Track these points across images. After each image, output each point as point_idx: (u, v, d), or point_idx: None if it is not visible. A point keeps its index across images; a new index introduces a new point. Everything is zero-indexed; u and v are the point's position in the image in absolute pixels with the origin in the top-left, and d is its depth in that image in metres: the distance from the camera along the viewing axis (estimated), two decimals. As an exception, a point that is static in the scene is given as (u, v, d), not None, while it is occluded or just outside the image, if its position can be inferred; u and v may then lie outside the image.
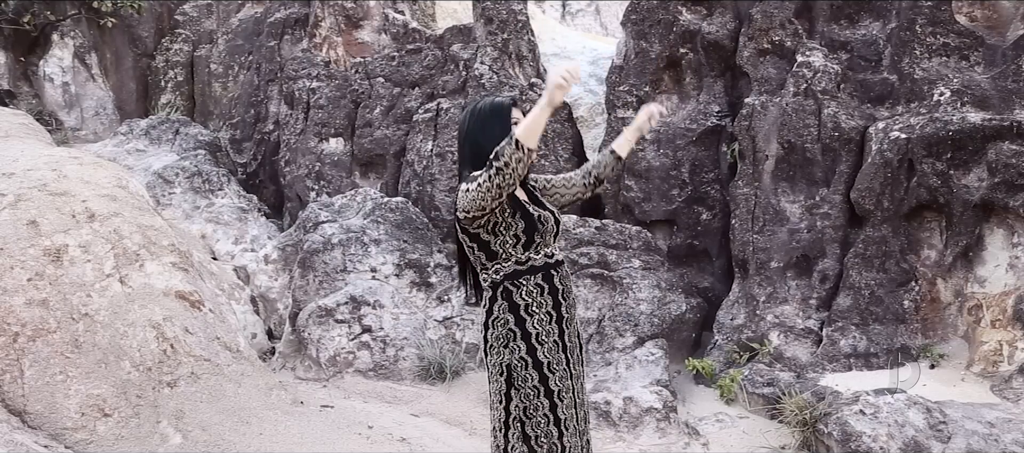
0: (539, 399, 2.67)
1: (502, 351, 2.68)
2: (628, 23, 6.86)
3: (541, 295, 2.70)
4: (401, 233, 6.38)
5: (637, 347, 5.64)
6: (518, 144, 2.43)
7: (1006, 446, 4.24)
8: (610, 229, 6.17)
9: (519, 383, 2.67)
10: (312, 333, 5.77)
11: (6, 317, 3.94)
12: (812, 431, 4.64)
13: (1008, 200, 5.22)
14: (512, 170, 2.45)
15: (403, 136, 7.48)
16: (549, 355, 2.69)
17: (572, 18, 15.32)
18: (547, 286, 2.72)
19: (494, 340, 2.71)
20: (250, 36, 9.46)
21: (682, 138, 6.56)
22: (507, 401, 2.70)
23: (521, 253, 2.68)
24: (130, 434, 3.91)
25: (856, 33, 6.14)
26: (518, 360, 2.67)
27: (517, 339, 2.67)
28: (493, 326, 2.71)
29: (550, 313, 2.71)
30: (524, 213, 2.68)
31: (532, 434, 2.68)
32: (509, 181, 2.46)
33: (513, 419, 2.69)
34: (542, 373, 2.67)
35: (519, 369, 2.67)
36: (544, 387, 2.67)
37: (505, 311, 2.68)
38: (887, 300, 5.44)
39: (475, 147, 2.69)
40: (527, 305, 2.69)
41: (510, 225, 2.65)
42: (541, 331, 2.69)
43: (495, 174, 2.45)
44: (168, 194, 7.45)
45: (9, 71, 9.41)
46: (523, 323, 2.68)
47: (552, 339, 2.71)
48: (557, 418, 2.69)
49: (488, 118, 2.71)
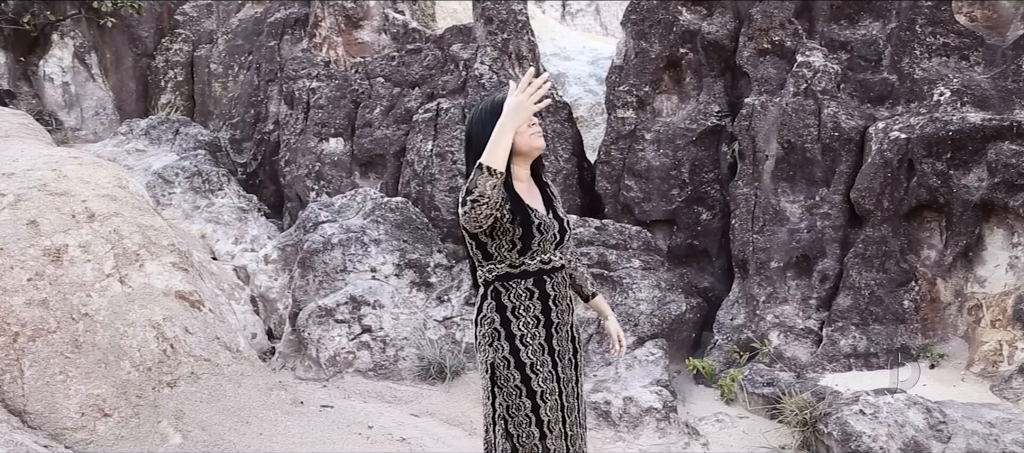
0: (521, 399, 2.69)
1: (487, 349, 2.72)
2: (628, 23, 6.86)
3: (530, 299, 2.71)
4: (401, 233, 6.38)
5: (637, 347, 5.63)
6: (488, 170, 2.46)
7: (1006, 446, 4.24)
8: (610, 229, 6.17)
9: (501, 382, 2.70)
10: (312, 333, 5.77)
11: (6, 317, 3.94)
12: (812, 431, 4.64)
13: (1008, 200, 5.22)
14: (487, 196, 2.48)
15: (403, 136, 7.48)
16: (533, 357, 2.70)
17: (572, 18, 15.32)
18: (537, 291, 2.72)
19: (480, 337, 2.75)
20: (250, 36, 9.46)
21: (682, 138, 6.56)
22: (492, 399, 2.74)
23: (516, 257, 2.70)
24: (130, 434, 3.91)
25: (856, 33, 6.14)
26: (501, 359, 2.70)
27: (501, 339, 2.70)
28: (480, 323, 2.75)
29: (538, 317, 2.72)
30: (524, 220, 2.68)
31: (514, 432, 2.71)
32: (487, 208, 2.50)
33: (498, 416, 2.73)
34: (524, 373, 2.69)
35: (502, 368, 2.70)
36: (526, 387, 2.69)
37: (492, 310, 2.71)
38: (887, 300, 5.44)
39: (477, 147, 2.70)
40: (514, 307, 2.71)
41: (507, 230, 2.66)
42: (526, 333, 2.70)
43: (471, 205, 2.49)
44: (168, 194, 7.45)
45: (9, 71, 9.41)
46: (508, 324, 2.70)
47: (537, 342, 2.72)
48: (539, 419, 2.70)
49: (488, 118, 2.72)
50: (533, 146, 2.75)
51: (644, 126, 6.65)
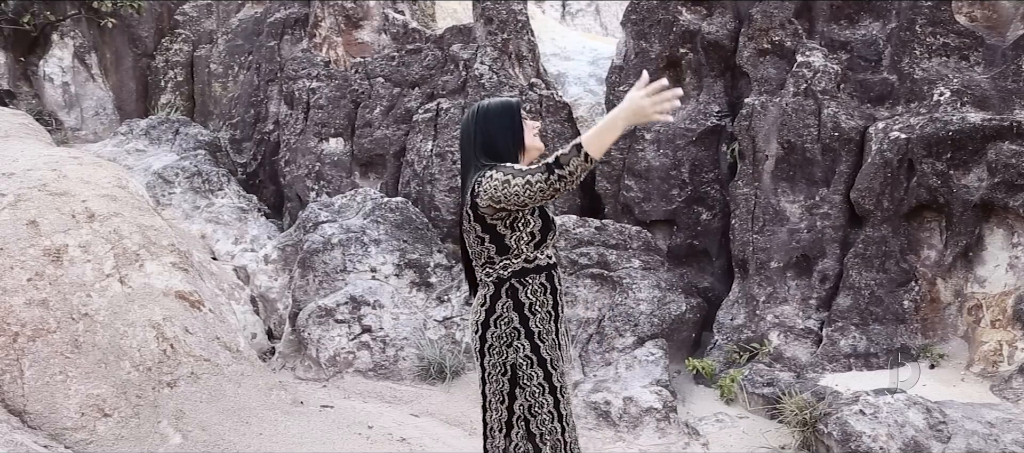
0: (544, 396, 2.71)
1: (505, 350, 2.70)
2: (628, 23, 6.86)
3: (544, 294, 2.74)
4: (401, 233, 6.38)
5: (637, 347, 5.63)
6: (587, 156, 2.45)
7: (1006, 446, 4.24)
8: (610, 229, 6.17)
9: (524, 382, 2.70)
10: (312, 333, 5.77)
11: (6, 317, 3.94)
12: (812, 431, 4.64)
13: (1008, 200, 5.22)
14: (575, 179, 2.50)
15: (403, 136, 7.48)
16: (551, 352, 2.72)
17: (572, 18, 15.31)
18: (549, 286, 2.76)
19: (495, 340, 2.71)
20: (250, 36, 9.46)
21: (682, 138, 6.56)
22: (510, 401, 2.71)
23: (532, 252, 2.72)
24: (130, 434, 3.91)
25: (856, 33, 6.14)
26: (523, 358, 2.69)
27: (521, 338, 2.70)
28: (495, 325, 2.72)
29: (551, 312, 2.75)
30: (542, 212, 2.73)
31: (537, 431, 2.72)
32: (568, 188, 2.53)
33: (517, 418, 2.72)
34: (546, 370, 2.71)
35: (524, 368, 2.69)
36: (548, 384, 2.71)
37: (509, 309, 2.70)
38: (887, 300, 5.44)
39: (487, 141, 2.72)
40: (531, 304, 2.72)
41: (528, 222, 2.69)
42: (543, 329, 2.72)
43: (557, 180, 2.48)
44: (168, 194, 7.45)
45: (9, 71, 9.41)
46: (527, 322, 2.71)
47: (552, 337, 2.75)
48: (560, 414, 2.73)
49: (500, 114, 2.76)
50: (537, 146, 2.81)
51: (644, 126, 6.65)
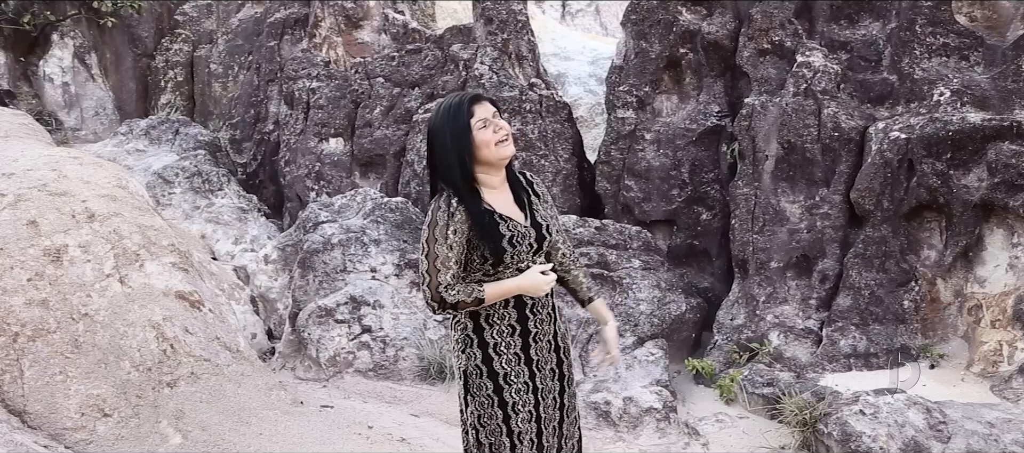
0: (493, 408, 2.62)
1: (460, 356, 2.65)
2: (628, 23, 6.86)
3: (504, 308, 2.62)
4: (401, 233, 6.38)
5: (637, 347, 5.63)
6: (478, 300, 2.53)
7: (1006, 446, 4.24)
8: (610, 229, 6.17)
9: (474, 390, 2.63)
10: (312, 333, 5.77)
11: (6, 317, 3.94)
12: (812, 431, 4.63)
13: (1008, 200, 5.22)
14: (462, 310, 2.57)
15: (403, 136, 7.48)
16: (506, 366, 2.62)
17: (572, 18, 15.31)
18: (513, 299, 2.62)
19: (454, 343, 2.68)
20: (250, 36, 9.46)
21: (682, 138, 6.56)
22: (464, 405, 2.67)
23: (489, 268, 2.60)
24: (130, 434, 3.91)
25: (856, 33, 6.14)
26: (474, 367, 2.62)
27: (473, 346, 2.62)
28: (454, 329, 2.68)
29: (513, 326, 2.63)
30: (492, 235, 2.54)
31: (485, 442, 2.64)
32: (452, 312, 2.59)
33: (470, 425, 2.66)
34: (497, 383, 2.61)
35: (474, 376, 2.63)
36: (498, 397, 2.61)
37: (465, 316, 2.63)
38: (887, 300, 5.44)
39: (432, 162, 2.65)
40: (487, 315, 2.61)
41: (477, 246, 2.56)
42: (500, 342, 2.62)
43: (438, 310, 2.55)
44: (168, 194, 7.45)
45: (9, 71, 9.42)
46: (481, 331, 2.62)
47: (512, 351, 2.63)
48: (511, 430, 2.62)
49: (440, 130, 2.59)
50: (502, 156, 2.60)
51: (644, 126, 6.65)
